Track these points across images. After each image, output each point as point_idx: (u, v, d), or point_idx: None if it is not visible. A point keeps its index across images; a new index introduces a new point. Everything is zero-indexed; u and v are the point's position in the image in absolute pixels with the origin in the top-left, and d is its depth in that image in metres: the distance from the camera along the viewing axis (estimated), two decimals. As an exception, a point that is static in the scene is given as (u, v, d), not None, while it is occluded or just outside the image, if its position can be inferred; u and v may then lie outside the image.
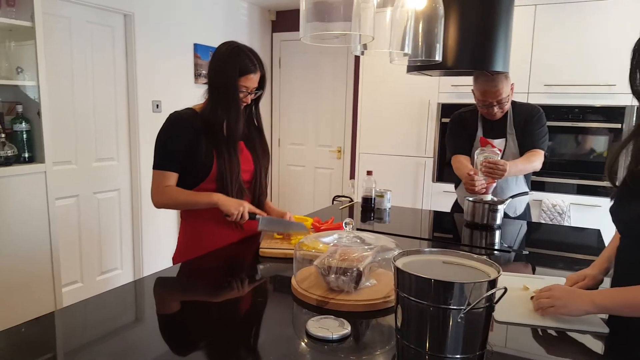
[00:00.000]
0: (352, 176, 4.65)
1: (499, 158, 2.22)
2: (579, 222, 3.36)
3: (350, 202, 2.64)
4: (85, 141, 3.25)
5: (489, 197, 2.28)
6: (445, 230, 2.30)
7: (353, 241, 1.35)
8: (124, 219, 3.59)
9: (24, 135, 2.56)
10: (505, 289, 0.94)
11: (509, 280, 1.40)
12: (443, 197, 3.80)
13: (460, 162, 2.41)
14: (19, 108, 2.56)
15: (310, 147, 4.97)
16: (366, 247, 1.34)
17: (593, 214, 3.36)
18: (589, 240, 2.04)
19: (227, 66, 1.65)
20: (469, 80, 2.38)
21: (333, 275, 1.27)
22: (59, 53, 3.03)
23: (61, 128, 3.08)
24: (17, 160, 2.52)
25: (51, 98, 2.86)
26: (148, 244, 3.71)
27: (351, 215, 2.40)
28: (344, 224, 1.38)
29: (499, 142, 2.41)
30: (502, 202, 2.23)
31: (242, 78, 1.65)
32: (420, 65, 2.10)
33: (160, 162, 1.69)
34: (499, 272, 0.99)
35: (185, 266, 1.55)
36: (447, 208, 2.72)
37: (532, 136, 2.36)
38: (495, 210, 2.20)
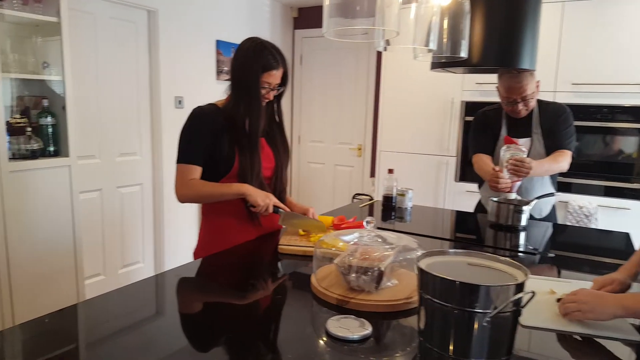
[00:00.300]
0: (372, 174, 4.62)
1: (525, 156, 2.17)
2: (607, 224, 3.27)
3: (370, 200, 2.61)
4: (108, 136, 3.29)
5: (513, 196, 2.23)
6: (468, 230, 2.25)
7: (374, 240, 1.33)
8: (146, 213, 3.63)
9: (50, 129, 2.61)
10: (534, 293, 0.91)
11: (534, 283, 1.36)
12: (466, 197, 3.75)
13: (482, 161, 2.36)
14: (45, 102, 2.60)
15: (330, 145, 4.95)
16: (387, 246, 1.31)
17: (621, 216, 3.26)
18: (617, 244, 1.98)
19: (251, 62, 1.65)
20: (493, 78, 2.33)
21: (354, 275, 1.25)
22: (84, 48, 3.07)
23: (85, 122, 3.12)
24: (42, 153, 2.56)
25: (76, 93, 2.90)
26: (169, 238, 3.75)
27: (372, 214, 2.37)
28: (364, 223, 1.35)
29: (524, 142, 2.36)
30: (527, 203, 2.18)
31: (264, 74, 1.65)
32: (445, 62, 2.06)
33: (184, 156, 1.68)
34: (526, 275, 0.96)
35: (205, 262, 1.56)
36: (469, 208, 2.68)
37: (559, 136, 2.30)
38: (521, 212, 2.15)
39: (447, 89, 3.78)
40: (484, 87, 3.62)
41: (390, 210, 2.46)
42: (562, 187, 3.26)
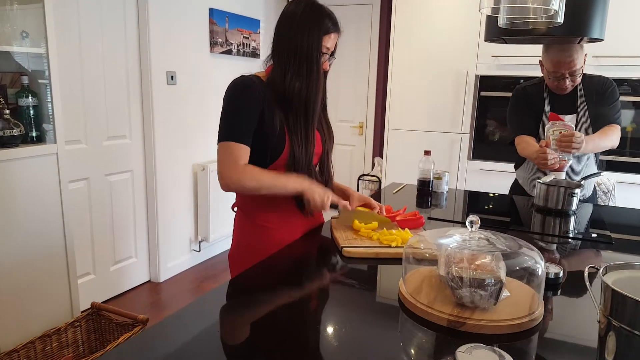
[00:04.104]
0: (377, 154, 4.37)
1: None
2: (624, 201, 3.17)
3: (378, 182, 2.39)
4: (95, 117, 2.91)
5: (563, 176, 2.06)
6: (512, 215, 2.04)
7: (481, 244, 1.09)
8: (138, 202, 3.28)
9: (31, 111, 2.24)
10: None
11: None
12: (479, 176, 3.55)
13: (527, 142, 2.19)
14: (25, 79, 2.22)
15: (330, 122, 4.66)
16: (496, 251, 1.07)
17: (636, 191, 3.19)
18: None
19: (310, 25, 1.35)
20: (511, 50, 2.10)
21: (466, 289, 1.01)
22: (65, 17, 2.66)
23: (69, 102, 2.73)
24: (24, 140, 2.19)
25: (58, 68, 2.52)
26: (164, 229, 3.41)
27: (406, 200, 2.13)
28: (467, 223, 1.11)
29: (570, 118, 2.19)
30: (578, 185, 2.00)
31: (325, 37, 1.36)
32: (506, 30, 1.82)
33: (232, 133, 1.34)
34: None
35: (256, 272, 1.27)
36: (483, 187, 2.48)
37: (607, 111, 2.16)
38: (573, 195, 1.97)
39: (460, 62, 3.55)
40: (501, 59, 3.40)
41: (426, 195, 2.24)
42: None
